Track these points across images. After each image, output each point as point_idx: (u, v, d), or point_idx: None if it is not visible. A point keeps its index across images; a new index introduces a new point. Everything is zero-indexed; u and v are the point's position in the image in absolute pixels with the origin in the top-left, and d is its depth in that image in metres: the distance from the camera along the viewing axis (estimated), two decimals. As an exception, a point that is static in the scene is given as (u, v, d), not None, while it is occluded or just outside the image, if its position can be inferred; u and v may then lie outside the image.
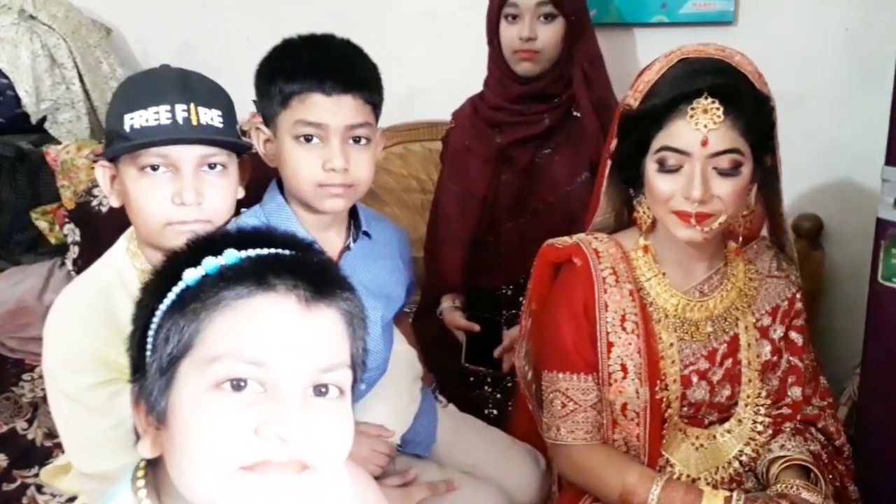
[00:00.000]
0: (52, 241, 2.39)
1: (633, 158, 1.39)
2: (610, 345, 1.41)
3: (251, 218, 1.46)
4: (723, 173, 1.30)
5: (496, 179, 2.03)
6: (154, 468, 0.86)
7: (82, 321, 1.30)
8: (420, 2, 2.50)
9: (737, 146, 1.30)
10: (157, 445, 0.81)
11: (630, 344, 1.41)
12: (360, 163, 1.41)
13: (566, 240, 1.49)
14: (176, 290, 0.80)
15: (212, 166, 1.32)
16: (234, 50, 2.64)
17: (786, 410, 1.49)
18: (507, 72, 1.98)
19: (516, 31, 1.91)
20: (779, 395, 1.50)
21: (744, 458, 1.46)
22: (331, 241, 1.49)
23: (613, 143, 1.45)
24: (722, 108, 1.28)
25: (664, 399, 1.43)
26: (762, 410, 1.47)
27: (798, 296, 1.51)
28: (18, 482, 1.89)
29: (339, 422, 0.81)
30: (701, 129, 1.28)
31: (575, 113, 1.98)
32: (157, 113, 1.26)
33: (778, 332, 1.49)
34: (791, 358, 1.50)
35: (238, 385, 0.77)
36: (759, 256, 1.52)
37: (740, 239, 1.46)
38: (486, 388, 2.00)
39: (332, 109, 1.37)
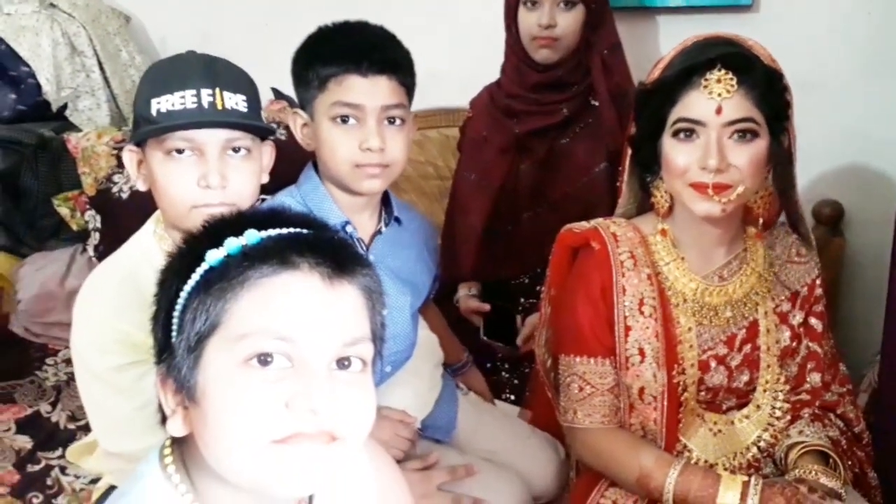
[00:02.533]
0: (74, 227, 2.41)
1: (649, 138, 1.39)
2: (627, 329, 1.41)
3: (287, 197, 1.49)
4: (738, 140, 1.31)
5: (514, 169, 2.03)
6: (180, 446, 0.87)
7: (111, 303, 1.32)
8: (437, -12, 2.50)
9: (751, 115, 1.31)
10: (186, 423, 0.83)
11: (648, 328, 1.41)
12: (395, 144, 1.43)
13: (584, 224, 1.49)
14: (200, 270, 0.81)
15: (236, 150, 1.33)
16: (252, 37, 2.65)
17: (805, 396, 1.49)
18: (524, 59, 1.97)
19: (535, 18, 1.91)
20: (798, 381, 1.49)
21: (762, 443, 1.46)
22: (363, 224, 1.51)
23: (631, 129, 1.45)
24: (735, 79, 1.29)
25: (681, 383, 1.43)
26: (781, 396, 1.47)
27: (818, 281, 1.51)
28: (43, 464, 1.91)
29: (363, 393, 0.83)
30: (715, 97, 1.29)
31: (593, 102, 1.97)
32: (182, 97, 1.28)
33: (797, 318, 1.48)
34: (810, 344, 1.49)
35: (265, 360, 0.79)
36: (778, 242, 1.51)
37: (760, 222, 1.45)
38: (503, 373, 2.01)
39: (368, 90, 1.39)
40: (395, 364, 1.56)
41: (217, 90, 1.30)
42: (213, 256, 0.81)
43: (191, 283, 0.81)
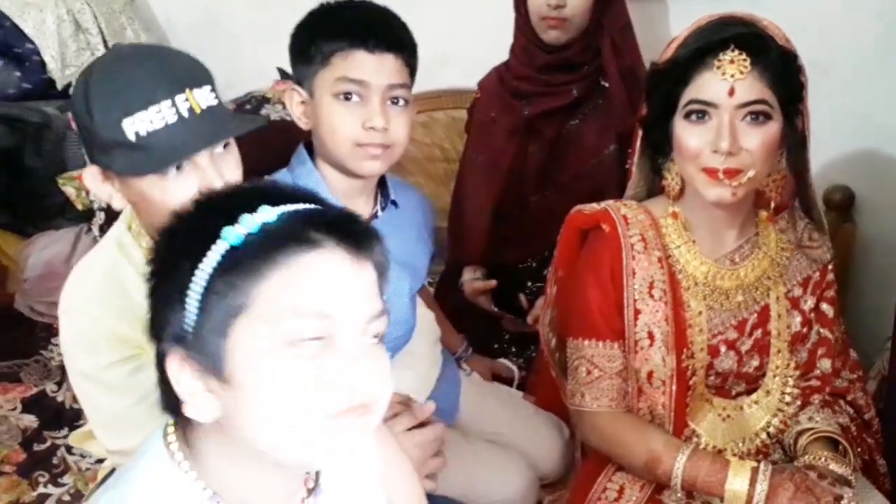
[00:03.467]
0: (79, 206, 2.39)
1: (660, 119, 1.37)
2: (637, 312, 1.40)
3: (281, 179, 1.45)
4: (751, 123, 1.29)
5: (523, 151, 2.01)
6: (183, 426, 0.87)
7: (95, 301, 1.28)
8: (446, -33, 2.47)
9: (764, 97, 1.29)
10: (212, 407, 0.81)
11: (657, 311, 1.40)
12: (398, 124, 1.40)
13: (594, 206, 1.48)
14: (220, 249, 0.79)
15: (226, 146, 1.26)
16: (255, 16, 2.63)
17: (815, 382, 1.48)
18: (533, 40, 1.94)
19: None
20: (808, 366, 1.48)
21: (771, 429, 1.46)
22: (358, 209, 1.48)
23: (642, 111, 1.43)
24: (749, 59, 1.27)
25: (689, 367, 1.42)
26: (791, 382, 1.46)
27: (830, 267, 1.50)
28: (49, 443, 1.92)
29: (385, 364, 0.86)
30: (728, 79, 1.27)
31: (603, 83, 1.95)
32: (159, 111, 1.16)
33: (809, 304, 1.47)
34: (821, 330, 1.48)
35: (306, 340, 0.80)
36: (791, 226, 1.50)
37: (772, 206, 1.43)
38: (510, 356, 2.01)
39: (374, 67, 1.36)
40: (395, 349, 1.55)
41: (188, 92, 1.19)
42: (233, 234, 0.78)
43: (210, 262, 0.78)
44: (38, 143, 2.44)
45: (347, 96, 1.37)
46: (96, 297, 1.28)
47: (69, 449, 1.89)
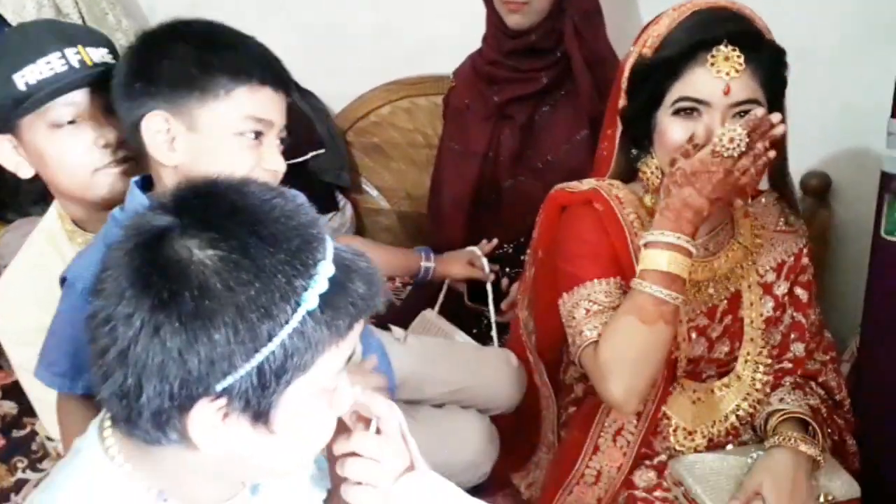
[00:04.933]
0: (60, 192, 2.39)
1: (644, 112, 1.36)
2: None
3: (113, 224, 1.20)
4: (739, 119, 1.27)
5: (496, 137, 2.03)
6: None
7: (25, 295, 1.31)
8: (428, -47, 2.47)
9: (756, 97, 1.28)
10: (229, 445, 0.79)
11: None
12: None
13: (578, 184, 1.45)
14: (299, 315, 0.75)
15: None
16: (243, 8, 2.61)
17: (787, 365, 1.50)
18: (499, 26, 1.96)
19: None
20: (781, 350, 1.50)
21: (741, 412, 1.47)
22: None
23: (621, 102, 1.42)
24: (743, 57, 1.26)
25: (678, 358, 1.43)
26: (762, 368, 1.48)
27: (805, 251, 1.50)
28: (28, 429, 1.93)
29: None
30: (723, 76, 1.26)
31: (574, 68, 1.96)
32: (48, 63, 1.21)
33: (782, 288, 1.48)
34: (795, 314, 1.49)
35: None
36: (766, 211, 1.50)
37: (749, 199, 1.41)
38: (488, 340, 2.01)
39: (278, 107, 1.24)
40: None
41: (80, 47, 1.24)
42: (313, 300, 0.76)
43: (291, 327, 0.75)
44: (18, 130, 2.43)
45: (257, 134, 1.21)
46: (24, 291, 1.31)
47: (49, 437, 1.89)
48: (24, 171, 1.31)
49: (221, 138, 1.19)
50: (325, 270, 0.77)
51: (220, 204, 0.77)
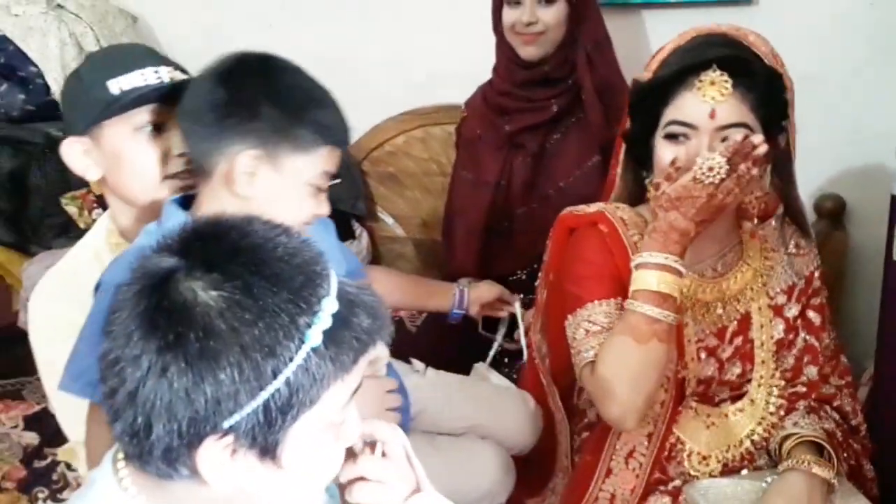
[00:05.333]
0: (82, 225, 2.42)
1: (643, 135, 1.38)
2: None
3: (146, 238, 1.26)
4: None
5: (508, 166, 2.05)
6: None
7: (61, 298, 1.36)
8: (441, -15, 2.51)
9: (745, 121, 1.29)
10: (237, 480, 0.80)
11: None
12: None
13: (585, 208, 1.47)
14: (303, 353, 0.76)
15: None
16: (257, 37, 2.65)
17: (801, 389, 1.49)
18: (511, 57, 1.98)
19: (517, 15, 1.92)
20: (794, 373, 1.49)
21: (755, 437, 1.46)
22: None
23: (627, 124, 1.45)
24: (731, 81, 1.27)
25: (686, 378, 1.42)
26: (775, 392, 1.47)
27: (816, 274, 1.50)
28: (49, 459, 1.93)
29: None
30: (708, 101, 1.27)
31: (584, 96, 1.98)
32: (143, 74, 1.31)
33: (793, 311, 1.48)
34: (808, 337, 1.49)
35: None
36: (776, 233, 1.50)
37: (755, 221, 1.43)
38: (503, 367, 2.01)
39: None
40: None
41: (171, 69, 1.35)
42: (316, 337, 0.76)
43: (295, 364, 0.76)
44: (41, 164, 2.48)
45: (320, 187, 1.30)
46: (64, 295, 1.36)
47: (69, 465, 1.91)
48: (92, 174, 1.38)
49: (297, 185, 1.27)
50: (328, 307, 0.78)
51: (224, 244, 0.79)
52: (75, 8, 2.63)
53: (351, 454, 0.93)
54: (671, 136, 1.32)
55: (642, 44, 2.24)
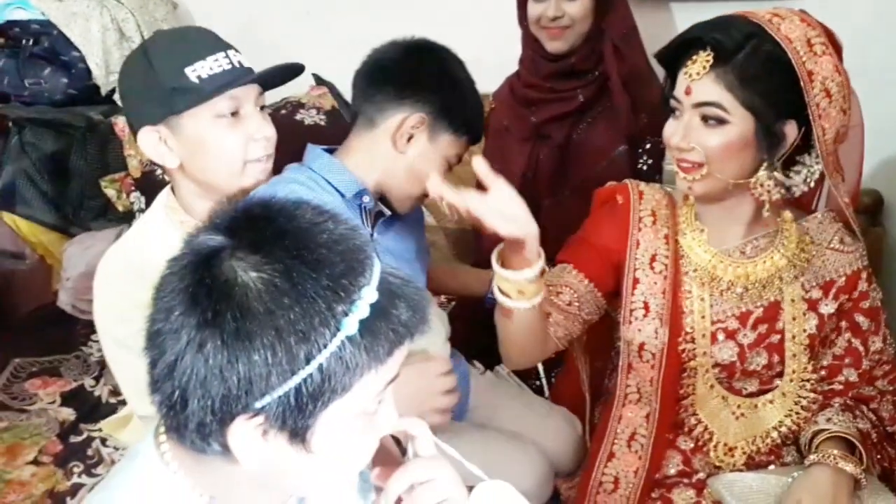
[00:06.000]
0: (120, 208, 2.47)
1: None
2: (636, 281, 1.43)
3: (294, 173, 1.47)
4: (707, 124, 1.30)
5: (534, 157, 2.05)
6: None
7: (124, 275, 1.37)
8: (475, -25, 2.51)
9: (718, 100, 1.28)
10: (267, 458, 0.81)
11: (656, 283, 1.42)
12: None
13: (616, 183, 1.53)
14: (338, 341, 0.77)
15: (262, 108, 1.43)
16: (294, 25, 2.69)
17: (837, 387, 1.47)
18: (537, 49, 1.99)
19: (542, 10, 1.92)
20: (831, 372, 1.47)
21: (783, 429, 1.45)
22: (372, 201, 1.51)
23: None
24: (711, 62, 1.27)
25: (686, 350, 1.42)
26: (808, 386, 1.45)
27: (863, 275, 1.45)
28: (85, 435, 1.98)
29: None
30: (687, 78, 1.30)
31: (612, 86, 1.97)
32: (216, 60, 1.34)
33: (829, 307, 1.44)
34: (853, 339, 1.46)
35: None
36: (821, 227, 1.47)
37: (766, 207, 1.36)
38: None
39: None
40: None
41: (231, 51, 1.37)
42: (352, 326, 0.77)
43: (329, 351, 0.77)
44: (83, 147, 2.52)
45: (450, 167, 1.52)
46: (124, 272, 1.38)
47: (104, 441, 1.95)
48: (171, 161, 1.40)
49: (437, 158, 1.49)
50: (367, 296, 0.78)
51: (271, 227, 0.79)
52: (117, -6, 2.68)
53: (391, 460, 0.95)
54: (671, 111, 1.36)
55: (671, 34, 2.22)
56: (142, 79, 1.37)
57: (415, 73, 1.47)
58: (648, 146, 1.97)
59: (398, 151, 1.46)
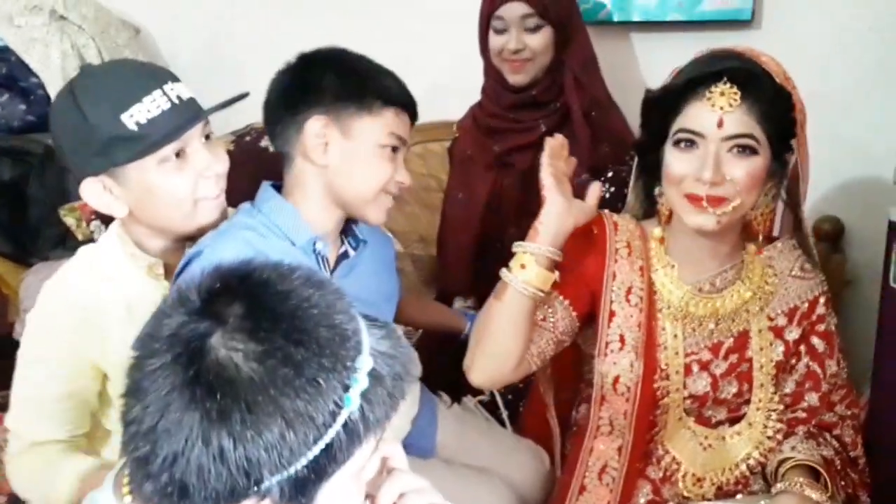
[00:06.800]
0: (79, 237, 2.43)
1: (653, 146, 1.40)
2: (612, 314, 1.42)
3: (247, 217, 1.42)
4: (737, 154, 1.30)
5: (498, 186, 2.06)
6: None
7: (67, 316, 1.36)
8: (441, 2, 2.52)
9: (752, 132, 1.30)
10: None
11: (632, 316, 1.42)
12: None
13: None
14: (342, 419, 0.77)
15: (207, 137, 1.37)
16: (257, 52, 2.68)
17: (801, 414, 1.48)
18: (499, 80, 2.00)
19: (503, 42, 1.93)
20: (794, 399, 1.48)
21: (751, 461, 1.46)
22: (328, 244, 1.47)
23: (639, 136, 1.46)
24: (739, 93, 1.29)
25: (661, 388, 1.43)
26: (774, 416, 1.46)
27: (822, 300, 1.48)
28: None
29: None
30: (717, 110, 1.29)
31: (573, 117, 1.98)
32: (154, 101, 1.25)
33: (793, 334, 1.47)
34: (811, 363, 1.48)
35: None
36: (782, 255, 1.49)
37: (760, 238, 1.44)
38: (497, 389, 2.01)
39: (408, 130, 1.45)
40: None
41: (170, 83, 1.29)
42: (356, 401, 0.78)
43: (335, 430, 0.77)
44: (41, 175, 2.49)
45: (394, 149, 1.42)
46: (68, 313, 1.36)
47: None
48: (118, 210, 1.34)
49: (368, 148, 1.40)
50: (364, 366, 0.78)
51: (262, 310, 0.77)
52: (78, 19, 2.65)
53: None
54: (679, 144, 1.34)
55: (631, 64, 2.25)
56: (74, 128, 1.27)
57: (296, 86, 1.41)
58: (611, 174, 1.98)
59: (321, 165, 1.39)
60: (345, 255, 1.51)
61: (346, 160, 1.39)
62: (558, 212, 1.35)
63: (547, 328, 1.43)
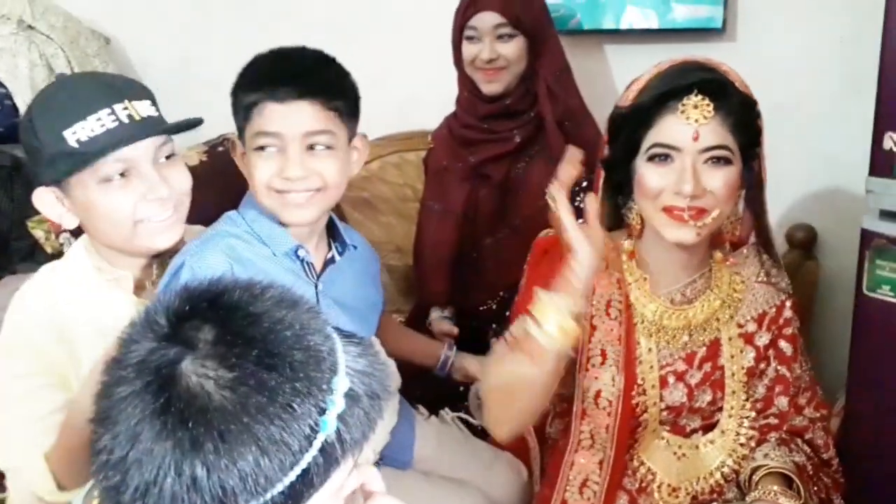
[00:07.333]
0: (49, 249, 2.39)
1: (623, 161, 1.39)
2: (593, 328, 1.42)
3: (230, 225, 1.42)
4: (712, 165, 1.31)
5: (474, 196, 2.06)
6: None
7: (34, 315, 1.34)
8: (416, 12, 2.52)
9: (726, 143, 1.31)
10: None
11: (612, 330, 1.42)
12: (324, 170, 1.37)
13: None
14: (315, 448, 0.75)
15: (168, 157, 1.34)
16: (233, 62, 2.65)
17: (772, 420, 1.48)
18: (473, 90, 2.01)
19: (477, 51, 1.94)
20: (765, 404, 1.49)
21: (725, 469, 1.46)
22: (312, 251, 1.46)
23: (605, 150, 1.45)
24: (712, 105, 1.29)
25: (639, 403, 1.42)
26: (746, 423, 1.47)
27: (788, 304, 1.50)
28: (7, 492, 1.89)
29: None
30: (692, 123, 1.29)
31: (547, 127, 1.99)
32: (99, 119, 1.24)
33: (763, 339, 1.48)
34: (779, 367, 1.49)
35: None
36: (747, 262, 1.50)
37: (727, 247, 1.45)
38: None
39: (285, 116, 1.33)
40: None
41: (127, 102, 1.27)
42: (332, 424, 0.76)
43: (311, 455, 0.75)
44: (8, 186, 2.45)
45: (262, 148, 1.36)
46: (36, 312, 1.34)
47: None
48: (69, 222, 1.35)
49: (249, 155, 1.39)
50: (340, 387, 0.76)
51: (233, 334, 0.75)
52: (46, 29, 2.61)
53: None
54: (654, 159, 1.33)
55: (604, 73, 2.26)
56: (27, 140, 1.29)
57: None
58: (585, 184, 1.98)
59: (250, 173, 1.39)
60: (332, 261, 1.49)
61: (245, 165, 1.42)
62: (591, 263, 1.26)
63: None
